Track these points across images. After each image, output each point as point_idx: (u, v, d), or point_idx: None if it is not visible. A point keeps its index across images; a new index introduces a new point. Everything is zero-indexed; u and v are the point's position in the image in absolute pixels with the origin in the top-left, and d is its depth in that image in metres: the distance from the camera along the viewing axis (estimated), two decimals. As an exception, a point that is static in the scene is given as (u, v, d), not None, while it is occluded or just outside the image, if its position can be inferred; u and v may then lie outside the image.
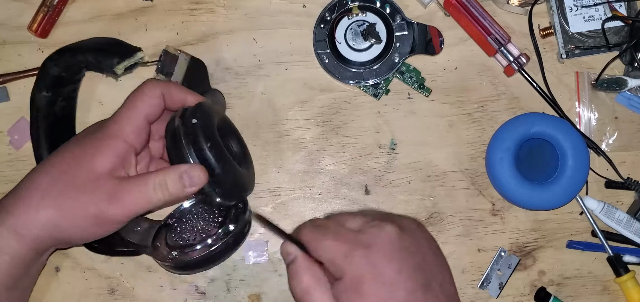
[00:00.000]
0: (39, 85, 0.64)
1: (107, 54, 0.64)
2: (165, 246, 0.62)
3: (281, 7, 0.70)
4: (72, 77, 0.66)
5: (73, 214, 0.55)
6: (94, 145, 0.57)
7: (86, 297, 0.67)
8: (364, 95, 0.70)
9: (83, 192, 0.55)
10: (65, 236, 0.57)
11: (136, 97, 0.58)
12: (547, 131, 0.67)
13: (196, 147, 0.57)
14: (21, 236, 0.55)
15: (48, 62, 0.64)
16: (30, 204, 0.56)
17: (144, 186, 0.56)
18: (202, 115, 0.58)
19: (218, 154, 0.58)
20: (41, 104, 0.64)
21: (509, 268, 0.68)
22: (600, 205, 0.68)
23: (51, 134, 0.65)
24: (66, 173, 0.56)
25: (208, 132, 0.58)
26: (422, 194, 0.69)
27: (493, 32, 0.68)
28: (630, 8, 0.69)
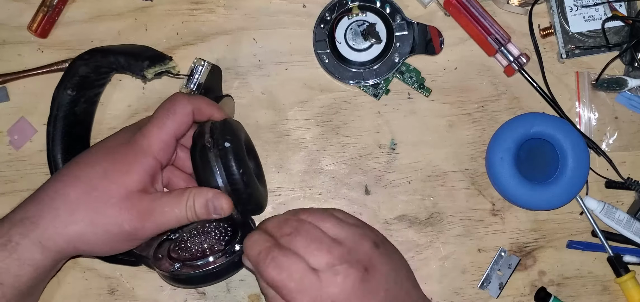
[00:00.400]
0: (64, 83, 0.64)
1: (139, 57, 0.63)
2: (167, 258, 0.62)
3: (281, 7, 0.70)
4: (99, 79, 0.65)
5: (105, 229, 0.55)
6: (126, 161, 0.56)
7: (86, 297, 0.67)
8: (364, 95, 0.70)
9: (117, 210, 0.55)
10: (91, 248, 0.57)
11: (167, 114, 0.58)
12: (547, 131, 0.66)
13: (228, 172, 0.58)
14: (46, 248, 0.55)
15: (78, 61, 0.63)
16: (58, 216, 0.55)
17: (176, 207, 0.57)
18: (233, 138, 0.59)
19: (248, 181, 0.59)
20: (63, 101, 0.64)
21: (509, 268, 0.68)
22: (600, 205, 0.68)
23: (68, 134, 0.64)
24: (97, 189, 0.55)
25: (239, 156, 0.59)
26: (422, 194, 0.69)
27: (493, 32, 0.68)
28: (631, 8, 0.69)
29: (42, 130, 0.68)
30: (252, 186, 0.60)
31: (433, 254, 0.69)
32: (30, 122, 0.68)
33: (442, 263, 0.69)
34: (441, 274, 0.68)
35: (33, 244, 0.54)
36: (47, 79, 0.68)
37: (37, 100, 0.68)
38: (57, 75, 0.67)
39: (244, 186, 0.58)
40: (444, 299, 0.68)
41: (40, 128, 0.68)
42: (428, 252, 0.69)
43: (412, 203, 0.69)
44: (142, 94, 0.69)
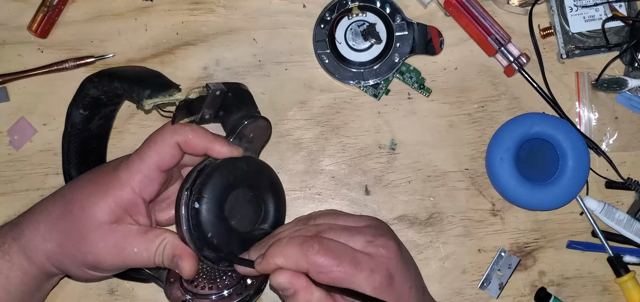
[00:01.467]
0: (76, 103, 0.64)
1: (141, 85, 0.61)
2: (178, 287, 0.60)
3: (281, 7, 0.70)
4: (112, 99, 0.65)
5: (72, 255, 0.55)
6: (100, 190, 0.55)
7: (86, 297, 0.67)
8: (364, 96, 0.70)
9: (84, 241, 0.55)
10: (67, 271, 0.57)
11: (149, 145, 0.56)
12: (547, 131, 0.66)
13: (198, 232, 0.55)
14: (29, 258, 0.56)
15: (87, 83, 0.64)
16: (38, 231, 0.56)
17: (145, 249, 0.55)
18: (210, 193, 0.55)
19: (221, 240, 0.56)
20: (76, 120, 0.64)
21: (509, 268, 0.68)
22: (600, 205, 0.68)
23: (82, 149, 0.65)
24: (71, 214, 0.55)
25: (211, 216, 0.55)
26: (422, 195, 0.69)
27: (493, 32, 0.68)
28: (631, 8, 0.69)
29: (42, 131, 0.68)
30: (229, 244, 0.56)
31: (433, 254, 0.69)
32: (30, 122, 0.68)
33: (442, 263, 0.68)
34: (441, 274, 0.68)
35: (20, 250, 0.56)
36: (47, 79, 0.68)
37: (37, 101, 0.68)
38: (57, 76, 0.68)
39: (220, 245, 0.55)
40: (444, 299, 0.68)
41: (40, 128, 0.68)
42: (428, 252, 0.69)
43: (412, 203, 0.69)
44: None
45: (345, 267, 0.51)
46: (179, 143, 0.56)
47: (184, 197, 0.55)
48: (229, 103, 0.60)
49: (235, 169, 0.58)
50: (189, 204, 0.55)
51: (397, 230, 0.68)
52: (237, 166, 0.58)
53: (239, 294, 0.59)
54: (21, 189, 0.67)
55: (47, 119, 0.68)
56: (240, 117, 0.60)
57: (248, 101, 0.63)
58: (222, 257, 0.57)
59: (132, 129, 0.68)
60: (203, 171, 0.56)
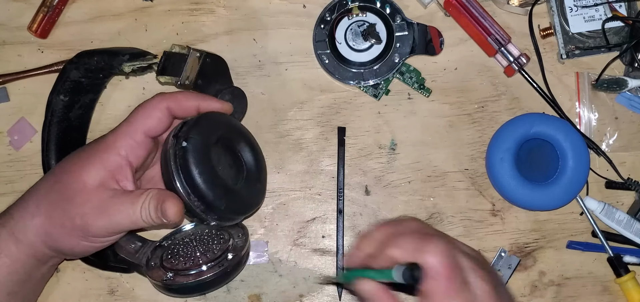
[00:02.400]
0: (57, 88, 0.64)
1: (119, 54, 0.64)
2: (159, 267, 0.61)
3: (281, 7, 0.70)
4: (93, 85, 0.65)
5: (61, 223, 0.55)
6: (87, 157, 0.56)
7: (86, 297, 0.67)
8: (364, 96, 0.70)
9: (71, 204, 0.55)
10: (57, 245, 0.57)
11: (137, 111, 0.58)
12: (547, 131, 0.66)
13: (185, 172, 0.56)
14: (18, 240, 0.56)
15: (68, 65, 0.64)
16: (27, 209, 0.56)
17: (131, 206, 0.55)
18: (196, 135, 0.56)
19: (208, 181, 0.56)
20: (57, 107, 0.64)
21: (509, 269, 0.68)
22: (600, 205, 0.68)
23: (62, 139, 0.64)
24: (59, 182, 0.56)
25: (199, 156, 0.56)
26: (422, 195, 0.69)
27: (493, 33, 0.68)
28: (631, 8, 0.69)
29: (42, 131, 0.68)
30: (215, 186, 0.57)
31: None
32: (30, 123, 0.68)
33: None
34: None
35: (9, 234, 0.56)
36: (47, 79, 0.68)
37: (37, 101, 0.68)
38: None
39: (206, 186, 0.56)
40: (444, 299, 0.68)
41: (40, 128, 0.68)
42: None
43: (412, 203, 0.69)
44: (142, 95, 0.69)
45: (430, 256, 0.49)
46: (169, 107, 0.57)
47: (171, 141, 0.56)
48: (208, 72, 0.63)
49: (220, 119, 0.60)
50: (176, 147, 0.56)
51: (397, 230, 0.68)
52: (221, 117, 0.60)
53: (219, 266, 0.60)
54: (21, 189, 0.67)
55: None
56: (219, 88, 0.63)
57: (225, 73, 0.66)
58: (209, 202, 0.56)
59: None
60: (189, 121, 0.58)
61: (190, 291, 0.62)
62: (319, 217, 0.69)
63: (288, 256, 0.68)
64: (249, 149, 0.62)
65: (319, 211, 0.69)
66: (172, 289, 0.61)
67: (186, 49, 0.64)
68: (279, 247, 0.68)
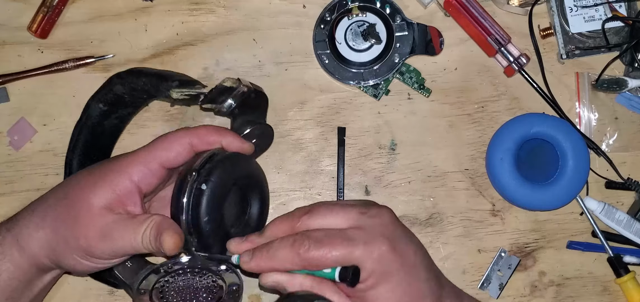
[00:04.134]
0: (98, 96, 0.65)
1: (169, 78, 0.64)
2: (149, 298, 0.59)
3: (281, 7, 0.70)
4: (134, 102, 0.65)
5: (65, 240, 0.55)
6: (98, 177, 0.56)
7: (86, 298, 0.67)
8: (364, 96, 0.70)
9: (76, 223, 0.54)
10: (59, 260, 0.56)
11: (158, 143, 0.57)
12: (548, 132, 0.67)
13: (194, 213, 0.56)
14: (22, 248, 0.55)
15: (114, 78, 0.64)
16: (32, 220, 0.56)
17: (133, 233, 0.54)
18: (217, 179, 0.56)
19: (213, 229, 0.56)
20: (94, 113, 0.65)
21: (509, 269, 0.68)
22: (600, 205, 0.68)
23: (90, 143, 0.65)
24: (67, 198, 0.56)
25: (213, 202, 0.56)
26: (422, 195, 0.69)
27: (493, 33, 0.68)
28: (631, 8, 0.69)
29: (42, 131, 0.68)
30: (216, 235, 0.57)
31: (433, 254, 0.68)
32: (30, 123, 0.68)
33: (442, 264, 0.68)
34: (441, 274, 0.68)
35: (13, 239, 0.56)
36: (47, 79, 0.68)
37: (37, 101, 0.68)
38: (57, 76, 0.68)
39: (209, 234, 0.56)
40: (444, 299, 0.68)
41: (40, 129, 0.68)
42: (428, 252, 0.69)
43: (412, 204, 0.69)
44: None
45: (340, 250, 0.52)
46: (191, 143, 0.57)
47: (191, 177, 0.56)
48: (248, 104, 0.63)
49: (243, 164, 0.59)
50: (194, 184, 0.56)
51: (397, 230, 0.68)
52: (244, 163, 0.59)
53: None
54: (21, 189, 0.67)
55: (47, 119, 0.68)
56: (250, 120, 0.63)
57: (263, 108, 0.65)
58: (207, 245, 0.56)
59: (132, 129, 0.68)
60: (213, 157, 0.57)
61: None
62: None
63: (288, 256, 0.68)
64: (259, 203, 0.62)
65: (319, 211, 0.69)
66: None
67: (236, 83, 0.62)
68: (279, 248, 0.68)
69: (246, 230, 0.60)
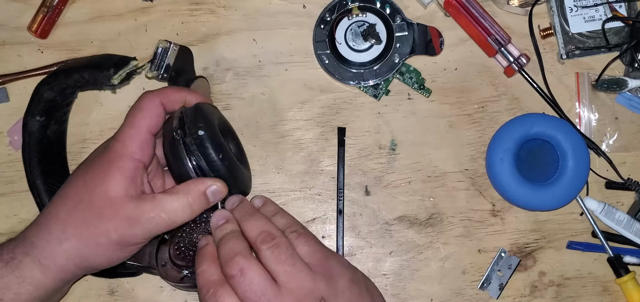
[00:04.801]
0: (31, 111, 0.63)
1: (102, 67, 0.63)
2: (172, 266, 0.61)
3: (281, 7, 0.70)
4: (65, 99, 0.65)
5: (96, 241, 0.55)
6: (103, 169, 0.56)
7: (86, 298, 0.67)
8: (364, 96, 0.70)
9: (102, 220, 0.54)
10: (90, 263, 0.56)
11: (136, 113, 0.57)
12: (548, 132, 0.66)
13: (208, 160, 0.56)
14: (46, 267, 0.55)
15: (41, 86, 0.63)
16: (51, 235, 0.55)
17: (164, 208, 0.55)
18: (206, 123, 0.57)
19: (230, 165, 0.57)
20: (34, 128, 0.63)
21: (509, 269, 0.68)
22: (600, 206, 0.68)
23: (43, 158, 0.64)
24: (82, 202, 0.55)
25: (216, 141, 0.57)
26: (422, 195, 0.69)
27: (493, 33, 0.68)
28: (631, 8, 0.69)
29: (42, 131, 0.68)
30: (235, 168, 0.58)
31: (433, 254, 0.69)
32: (30, 123, 0.68)
33: (442, 264, 0.68)
34: (441, 274, 0.68)
35: (33, 262, 0.55)
36: (47, 79, 0.68)
37: (37, 101, 0.68)
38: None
39: (227, 170, 0.57)
40: (444, 299, 0.68)
41: (40, 129, 0.68)
42: (428, 252, 0.69)
43: (413, 204, 0.69)
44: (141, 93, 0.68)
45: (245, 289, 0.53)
46: (162, 102, 0.58)
47: (179, 134, 0.57)
48: (179, 63, 0.65)
49: (210, 109, 0.60)
50: (188, 139, 0.56)
51: (397, 230, 0.68)
52: (211, 108, 0.61)
53: None
54: (21, 189, 0.67)
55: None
56: (188, 78, 0.65)
57: (191, 63, 0.67)
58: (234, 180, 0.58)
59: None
60: (185, 112, 0.58)
61: None
62: (319, 218, 0.69)
63: (288, 256, 0.68)
64: (234, 142, 0.64)
65: (319, 211, 0.69)
66: (192, 286, 0.61)
67: (168, 44, 0.64)
68: (279, 248, 0.68)
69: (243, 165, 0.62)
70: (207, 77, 0.68)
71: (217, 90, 0.69)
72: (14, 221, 0.67)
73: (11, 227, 0.67)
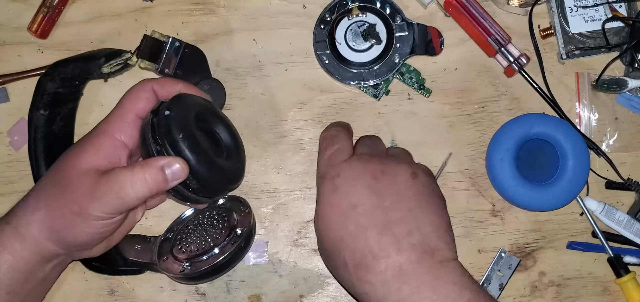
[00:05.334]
0: (35, 104, 0.64)
1: (94, 58, 0.64)
2: (173, 260, 0.61)
3: (281, 7, 0.70)
4: (71, 94, 0.65)
5: (61, 213, 0.55)
6: (82, 145, 0.57)
7: (86, 298, 0.67)
8: (364, 96, 0.70)
9: (66, 190, 0.55)
10: (60, 237, 0.56)
11: (126, 96, 0.59)
12: (548, 132, 0.67)
13: (169, 138, 0.55)
14: (22, 236, 0.56)
15: (43, 78, 0.64)
16: (28, 204, 0.57)
17: (118, 180, 0.54)
18: (177, 106, 0.56)
19: (192, 145, 0.55)
20: (39, 122, 0.64)
21: (509, 269, 0.68)
22: (600, 206, 0.68)
23: (50, 154, 0.64)
24: (56, 174, 0.57)
25: (182, 123, 0.56)
26: (422, 195, 0.69)
27: (493, 33, 0.68)
28: (631, 8, 0.69)
29: (42, 131, 0.68)
30: (199, 151, 0.56)
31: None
32: (30, 123, 0.68)
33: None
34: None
35: (12, 230, 0.56)
36: (47, 79, 0.68)
37: (37, 101, 0.68)
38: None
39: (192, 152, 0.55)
40: (444, 299, 0.68)
41: (40, 129, 0.68)
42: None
43: (412, 204, 0.69)
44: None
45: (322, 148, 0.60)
46: (154, 88, 0.59)
47: (150, 116, 0.57)
48: (187, 62, 0.65)
49: (198, 100, 0.60)
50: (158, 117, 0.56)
51: (397, 230, 0.68)
52: (199, 99, 0.60)
53: (231, 244, 0.61)
54: (21, 189, 0.67)
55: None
56: (198, 80, 0.65)
57: (204, 65, 0.67)
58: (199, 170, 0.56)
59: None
60: (161, 102, 0.58)
61: (210, 274, 0.62)
62: None
63: (288, 256, 0.68)
64: (226, 129, 0.62)
65: (319, 211, 0.69)
66: (192, 278, 0.62)
67: (166, 38, 0.65)
68: (279, 248, 0.68)
69: (229, 159, 0.61)
70: (207, 77, 0.68)
71: (217, 90, 0.69)
72: (14, 221, 0.67)
73: (11, 228, 0.67)
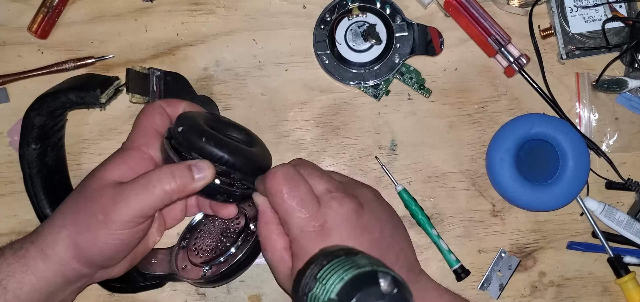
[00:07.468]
0: (26, 140, 0.63)
1: (89, 87, 0.64)
2: (192, 266, 0.62)
3: (281, 8, 0.70)
4: (57, 123, 0.65)
5: (86, 223, 0.55)
6: (108, 160, 0.58)
7: (86, 298, 0.67)
8: (364, 96, 0.70)
9: (92, 200, 0.55)
10: (86, 254, 0.55)
11: (139, 116, 0.60)
12: (548, 132, 0.67)
13: (194, 147, 0.55)
14: (47, 257, 0.55)
15: (30, 113, 0.63)
16: (54, 223, 0.56)
17: (147, 174, 0.54)
18: (187, 121, 0.57)
19: (218, 142, 0.56)
20: (31, 158, 0.64)
21: (509, 269, 0.68)
22: (600, 206, 0.68)
23: (48, 187, 0.64)
24: (82, 190, 0.56)
25: (199, 131, 0.56)
26: (422, 195, 0.69)
27: (493, 33, 0.68)
28: (631, 9, 0.69)
29: (42, 131, 0.68)
30: (226, 144, 0.56)
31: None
32: (30, 123, 0.68)
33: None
34: (442, 274, 0.68)
35: (37, 251, 0.55)
36: (47, 80, 0.68)
37: (37, 101, 0.68)
38: (57, 77, 0.68)
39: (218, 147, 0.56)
40: (444, 300, 0.68)
41: (40, 129, 0.68)
42: (428, 253, 0.69)
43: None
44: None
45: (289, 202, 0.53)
46: (163, 107, 0.60)
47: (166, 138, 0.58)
48: (172, 87, 0.66)
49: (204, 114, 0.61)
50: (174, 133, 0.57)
51: (397, 231, 0.68)
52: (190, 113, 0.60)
53: (247, 241, 0.61)
54: (21, 189, 0.67)
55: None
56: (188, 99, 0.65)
57: (188, 87, 0.68)
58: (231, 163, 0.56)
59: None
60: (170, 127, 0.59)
61: (231, 274, 0.61)
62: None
63: (288, 256, 0.68)
64: (236, 129, 0.62)
65: (319, 211, 0.69)
66: (214, 280, 0.61)
67: (147, 70, 0.66)
68: (279, 248, 0.68)
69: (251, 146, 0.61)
70: (207, 77, 0.69)
71: (217, 90, 0.69)
72: (14, 222, 0.67)
73: (11, 228, 0.67)
